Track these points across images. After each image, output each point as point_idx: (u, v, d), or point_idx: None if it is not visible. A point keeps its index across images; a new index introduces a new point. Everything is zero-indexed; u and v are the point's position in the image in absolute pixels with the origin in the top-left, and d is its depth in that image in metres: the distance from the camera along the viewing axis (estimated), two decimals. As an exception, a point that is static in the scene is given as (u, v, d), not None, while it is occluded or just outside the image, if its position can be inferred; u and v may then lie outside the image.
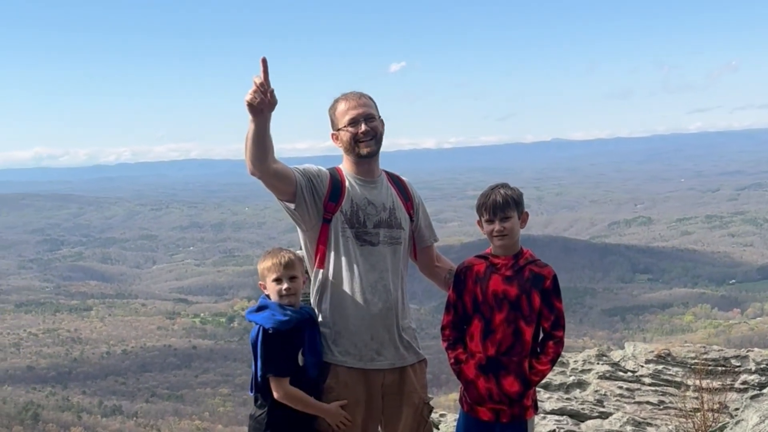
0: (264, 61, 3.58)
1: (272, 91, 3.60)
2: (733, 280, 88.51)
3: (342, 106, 4.05)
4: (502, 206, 3.97)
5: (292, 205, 3.94)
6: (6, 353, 69.62)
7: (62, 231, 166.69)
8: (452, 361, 4.09)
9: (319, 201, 3.97)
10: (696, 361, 7.21)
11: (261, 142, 3.69)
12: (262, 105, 3.59)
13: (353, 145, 4.01)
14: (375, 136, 4.03)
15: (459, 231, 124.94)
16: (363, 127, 3.98)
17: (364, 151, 4.01)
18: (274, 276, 3.91)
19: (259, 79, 3.55)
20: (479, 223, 4.09)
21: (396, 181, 4.26)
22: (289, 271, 3.91)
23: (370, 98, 4.14)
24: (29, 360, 67.94)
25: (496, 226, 3.98)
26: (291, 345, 3.86)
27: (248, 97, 3.57)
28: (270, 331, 3.81)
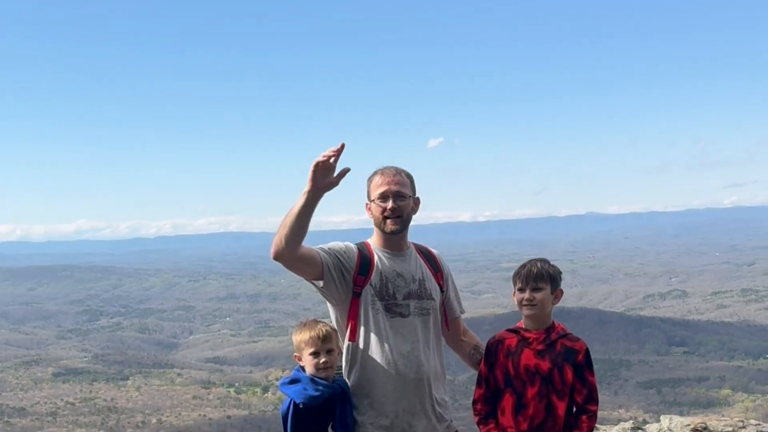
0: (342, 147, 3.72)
1: (337, 174, 3.73)
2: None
3: (377, 180, 4.09)
4: (535, 276, 3.99)
5: (320, 283, 3.96)
6: (43, 422, 69.63)
7: (101, 302, 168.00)
8: None
9: (348, 275, 3.99)
10: (733, 435, 6.83)
11: (303, 222, 3.73)
12: (327, 173, 3.70)
13: (381, 220, 4.07)
14: (401, 215, 4.06)
15: (493, 303, 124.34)
16: (390, 204, 4.03)
17: (388, 228, 4.06)
18: (311, 350, 3.90)
19: (332, 151, 3.67)
20: (514, 294, 4.11)
21: (425, 253, 4.27)
22: (327, 344, 3.91)
23: (408, 176, 4.15)
24: (65, 429, 67.77)
25: (527, 295, 4.00)
26: (321, 419, 3.87)
27: (320, 158, 3.66)
28: (300, 406, 3.82)
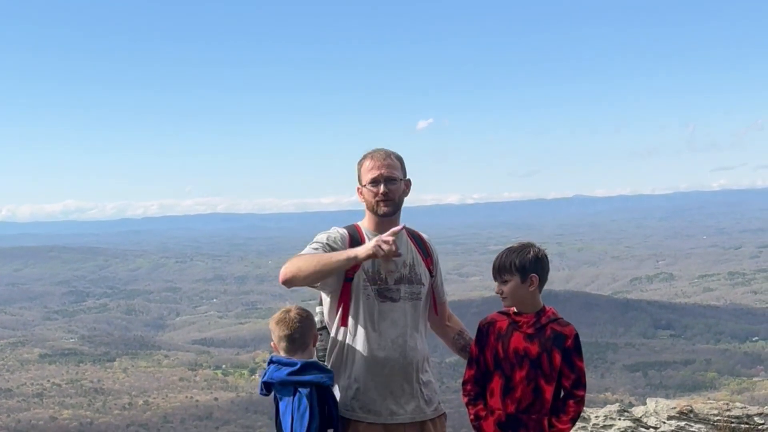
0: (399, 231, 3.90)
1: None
2: (756, 337, 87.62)
3: (367, 164, 4.10)
4: (498, 269, 4.00)
5: (317, 284, 4.01)
6: (29, 403, 69.61)
7: (88, 283, 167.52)
8: (472, 417, 4.05)
9: None
10: (719, 418, 6.99)
11: (331, 274, 3.87)
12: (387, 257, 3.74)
13: (373, 204, 4.08)
14: (393, 199, 4.08)
15: (480, 285, 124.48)
16: (382, 189, 4.04)
17: (381, 211, 4.07)
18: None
19: (392, 247, 3.67)
20: None
21: (416, 238, 4.26)
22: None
23: (398, 158, 4.17)
24: (52, 410, 67.83)
25: (497, 288, 4.03)
26: None
27: (382, 252, 3.67)
28: (329, 385, 3.83)
